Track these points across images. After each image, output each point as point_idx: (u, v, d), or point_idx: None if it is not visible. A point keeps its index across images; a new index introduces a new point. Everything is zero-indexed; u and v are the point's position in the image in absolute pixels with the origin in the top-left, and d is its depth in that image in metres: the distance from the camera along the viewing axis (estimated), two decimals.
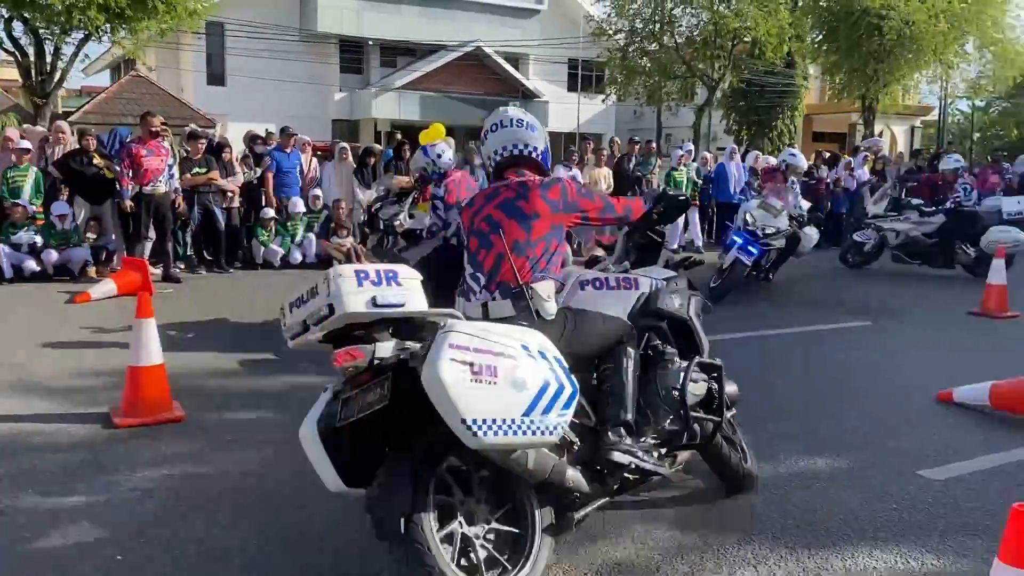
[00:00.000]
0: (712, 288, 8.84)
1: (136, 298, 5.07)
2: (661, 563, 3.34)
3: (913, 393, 5.78)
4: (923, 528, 3.69)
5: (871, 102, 26.23)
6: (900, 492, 4.07)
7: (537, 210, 3.35)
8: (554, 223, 3.39)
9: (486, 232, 3.36)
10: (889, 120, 34.74)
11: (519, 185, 3.43)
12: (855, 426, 5.06)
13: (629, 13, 27.74)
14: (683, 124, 32.88)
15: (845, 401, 5.60)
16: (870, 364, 6.67)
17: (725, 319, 8.17)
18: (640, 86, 29.52)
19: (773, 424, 5.06)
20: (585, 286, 3.60)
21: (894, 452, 4.63)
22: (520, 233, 3.31)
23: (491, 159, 3.59)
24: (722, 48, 27.82)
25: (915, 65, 25.04)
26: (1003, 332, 8.02)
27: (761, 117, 31.76)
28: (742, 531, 3.61)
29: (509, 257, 3.22)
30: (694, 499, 3.95)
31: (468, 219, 3.51)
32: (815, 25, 26.92)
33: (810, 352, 7.10)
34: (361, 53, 31.49)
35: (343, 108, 31.04)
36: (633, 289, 3.59)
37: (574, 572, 3.27)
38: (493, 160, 3.58)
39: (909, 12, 22.97)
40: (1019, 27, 27.56)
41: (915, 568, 3.34)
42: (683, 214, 6.18)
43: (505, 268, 3.26)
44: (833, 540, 3.55)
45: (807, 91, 32.51)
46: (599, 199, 3.66)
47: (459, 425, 2.58)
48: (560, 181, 3.52)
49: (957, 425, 5.13)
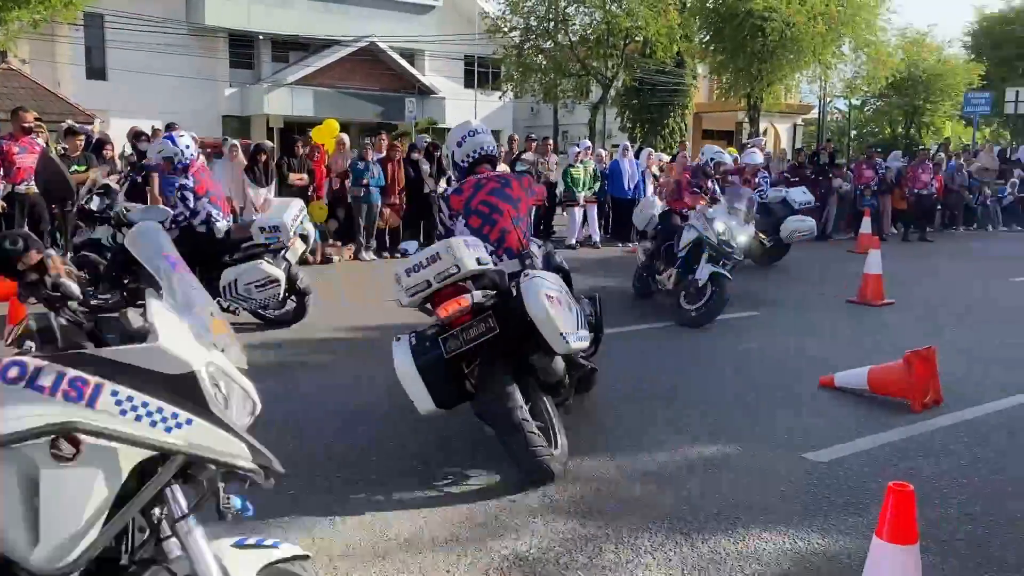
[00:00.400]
0: (694, 316, 7.70)
1: (7, 304, 4.78)
2: (562, 554, 3.37)
3: (797, 379, 6.03)
4: (809, 509, 3.85)
5: (756, 101, 27.24)
6: (787, 475, 4.24)
7: (520, 195, 4.73)
8: (528, 204, 4.81)
9: (487, 213, 4.62)
10: (773, 118, 36.17)
11: (500, 177, 4.83)
12: (744, 413, 5.25)
13: (524, 11, 27.97)
14: (579, 121, 33.38)
15: (734, 389, 5.79)
16: (757, 352, 6.92)
17: (618, 313, 8.34)
18: (536, 83, 29.81)
19: (664, 413, 5.19)
20: None
21: (781, 437, 4.82)
22: (514, 212, 4.65)
23: (468, 158, 4.85)
24: (615, 47, 28.39)
25: (796, 65, 26.12)
26: (880, 319, 8.46)
27: (653, 115, 32.57)
28: (639, 520, 3.68)
29: (515, 229, 4.60)
30: (594, 492, 4.01)
31: (463, 203, 4.68)
32: (703, 26, 27.76)
33: (700, 342, 7.31)
34: (252, 48, 30.62)
35: (234, 104, 30.12)
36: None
37: (478, 566, 3.27)
38: (471, 158, 4.85)
39: (790, 14, 23.96)
40: (890, 30, 28.99)
41: (802, 547, 3.48)
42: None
43: (510, 238, 4.60)
44: (725, 524, 3.66)
45: (696, 90, 33.56)
46: (540, 187, 5.28)
47: (557, 338, 3.92)
48: (525, 175, 5.15)
49: (839, 409, 5.38)
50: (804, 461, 4.44)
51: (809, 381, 5.95)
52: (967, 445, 4.72)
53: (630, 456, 4.45)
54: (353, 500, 3.85)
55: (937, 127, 36.59)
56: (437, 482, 4.08)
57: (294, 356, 6.57)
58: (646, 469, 4.29)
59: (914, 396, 5.29)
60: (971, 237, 17.16)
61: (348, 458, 4.37)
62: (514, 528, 3.59)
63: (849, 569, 3.28)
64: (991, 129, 36.39)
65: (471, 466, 4.27)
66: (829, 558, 3.40)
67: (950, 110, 34.67)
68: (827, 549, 3.48)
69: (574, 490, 4.00)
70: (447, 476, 4.15)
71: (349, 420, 5.00)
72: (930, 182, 16.52)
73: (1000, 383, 6.01)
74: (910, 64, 32.39)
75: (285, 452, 4.36)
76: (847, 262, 12.23)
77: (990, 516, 3.79)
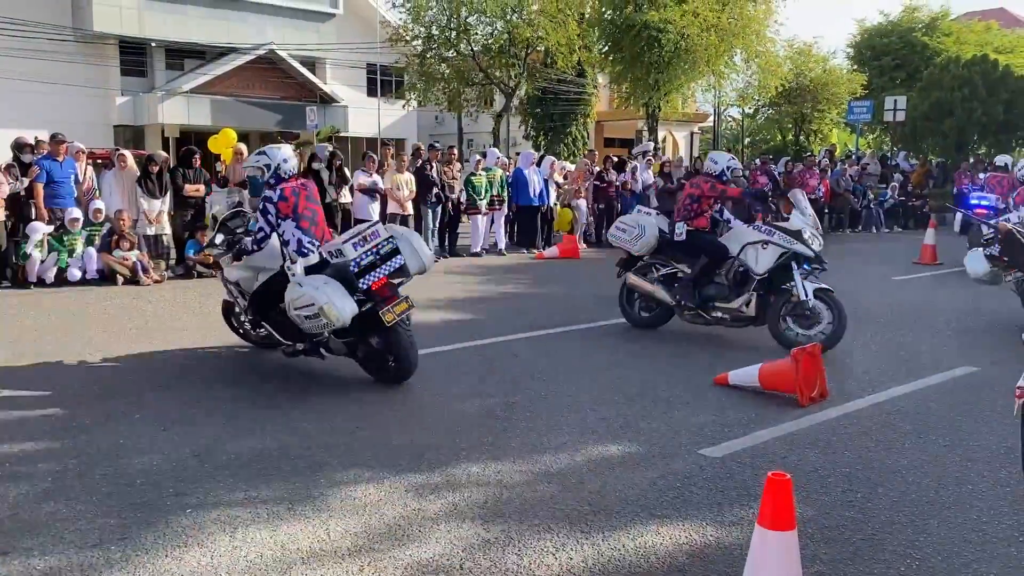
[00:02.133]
0: (823, 340, 6.90)
1: None
2: (465, 560, 3.41)
3: (693, 378, 6.25)
4: (703, 502, 4.00)
5: (654, 109, 27.96)
6: (683, 471, 4.40)
7: (318, 198, 6.39)
8: None
9: (311, 216, 6.09)
10: (671, 126, 37.24)
11: (306, 184, 6.24)
12: (642, 412, 5.40)
13: (425, 20, 27.95)
14: (484, 130, 33.57)
15: (633, 390, 5.95)
16: (654, 354, 7.13)
17: (513, 319, 8.45)
18: (440, 92, 29.82)
19: (566, 416, 5.30)
20: None
21: (677, 434, 4.98)
22: (322, 213, 6.36)
23: (293, 169, 6.19)
24: (517, 56, 28.68)
25: (691, 75, 26.92)
26: None
27: (556, 123, 33.08)
28: (541, 522, 3.76)
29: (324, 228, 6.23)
30: (496, 496, 4.06)
31: (291, 208, 5.95)
32: (601, 36, 28.32)
33: (599, 346, 7.48)
34: (144, 55, 29.59)
35: (126, 113, 29.02)
36: None
37: (381, 574, 3.28)
38: (294, 170, 6.22)
39: (684, 26, 24.71)
40: (779, 41, 30.24)
41: (696, 539, 3.62)
42: None
43: (327, 235, 6.22)
44: (624, 522, 3.78)
45: (597, 99, 34.23)
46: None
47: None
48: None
49: (732, 406, 5.60)
50: (700, 457, 4.61)
51: (704, 380, 6.17)
52: (850, 436, 4.99)
53: (532, 459, 4.53)
54: (253, 515, 3.80)
55: (824, 134, 38.35)
56: (338, 492, 4.06)
57: (191, 370, 6.40)
58: (548, 471, 4.38)
59: (802, 391, 5.55)
60: (857, 238, 18.05)
61: (245, 473, 4.30)
62: (416, 536, 3.61)
63: (740, 558, 3.42)
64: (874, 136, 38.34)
65: (371, 474, 4.27)
66: (722, 548, 3.55)
67: (836, 118, 36.41)
68: (720, 540, 3.63)
69: (477, 495, 4.04)
70: (348, 485, 4.14)
71: (244, 434, 4.91)
72: (817, 187, 17.32)
73: (882, 377, 6.37)
74: (798, 74, 33.92)
75: (188, 467, 4.28)
76: None
77: (869, 502, 4.03)
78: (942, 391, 6.04)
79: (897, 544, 3.59)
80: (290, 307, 5.66)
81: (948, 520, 3.84)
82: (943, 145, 26.67)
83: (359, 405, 5.53)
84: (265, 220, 5.99)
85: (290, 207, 5.97)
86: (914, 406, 5.64)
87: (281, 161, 6.12)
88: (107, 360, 6.72)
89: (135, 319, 8.42)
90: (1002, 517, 3.87)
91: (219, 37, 29.25)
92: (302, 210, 6.01)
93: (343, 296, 5.59)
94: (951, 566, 3.41)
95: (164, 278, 11.02)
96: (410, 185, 13.31)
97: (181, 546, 3.49)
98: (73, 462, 4.42)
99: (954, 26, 36.47)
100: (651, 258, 8.01)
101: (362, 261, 5.81)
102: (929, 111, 26.52)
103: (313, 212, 6.11)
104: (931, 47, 34.43)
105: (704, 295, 7.66)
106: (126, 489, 4.06)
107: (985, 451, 4.76)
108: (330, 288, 5.56)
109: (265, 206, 5.99)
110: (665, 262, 7.95)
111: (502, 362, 6.77)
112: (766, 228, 7.41)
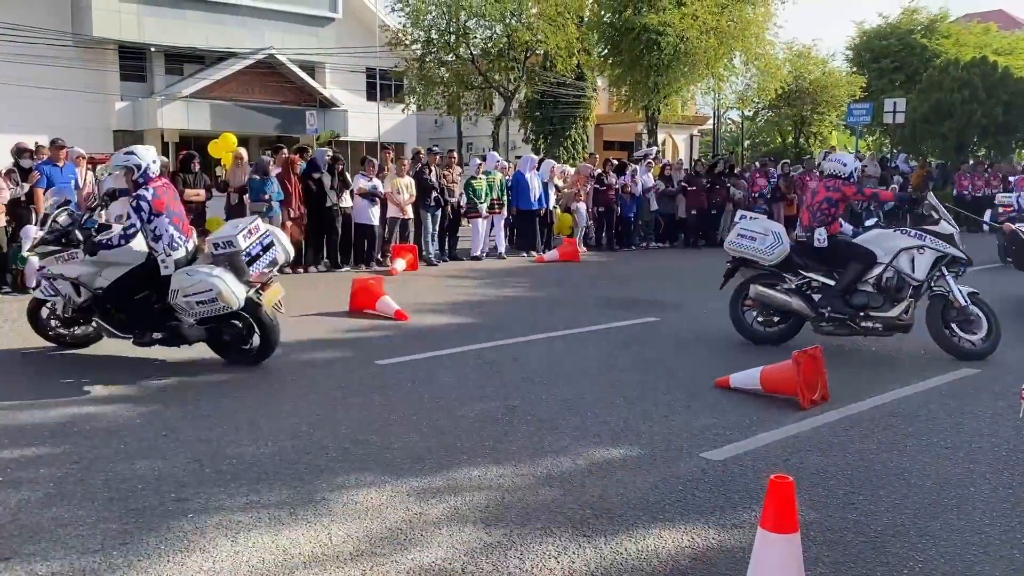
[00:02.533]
0: (984, 347, 7.01)
1: None
2: (467, 564, 3.41)
3: (695, 381, 6.25)
4: (705, 506, 4.00)
5: (653, 112, 27.99)
6: (685, 474, 4.39)
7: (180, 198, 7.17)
8: None
9: (181, 213, 6.72)
10: (671, 129, 37.29)
11: (169, 184, 6.80)
12: (644, 416, 5.40)
13: (424, 24, 27.98)
14: (483, 133, 33.59)
15: (634, 393, 5.95)
16: (656, 356, 7.13)
17: (515, 324, 8.46)
18: (439, 96, 29.85)
19: (567, 419, 5.30)
20: None
21: (680, 437, 4.98)
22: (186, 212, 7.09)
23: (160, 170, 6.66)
24: (516, 60, 28.71)
25: (690, 78, 26.97)
26: None
27: (556, 127, 33.14)
28: (543, 525, 3.75)
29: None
30: (498, 500, 4.05)
31: (164, 206, 6.47)
32: (600, 39, 28.37)
33: (600, 349, 7.47)
34: (143, 60, 29.61)
35: (126, 118, 29.05)
36: None
37: None
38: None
39: (683, 29, 24.75)
40: (778, 44, 30.28)
41: (699, 543, 3.62)
42: None
43: (190, 232, 6.84)
44: (626, 525, 3.77)
45: (596, 102, 34.29)
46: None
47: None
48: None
49: (734, 409, 5.59)
50: (702, 460, 4.60)
51: (706, 383, 6.17)
52: (852, 438, 4.98)
53: (533, 463, 4.53)
54: (255, 520, 3.79)
55: (824, 136, 38.39)
56: (339, 496, 4.06)
57: (191, 375, 6.40)
58: (549, 475, 4.37)
59: (803, 394, 5.55)
60: None
61: (246, 477, 4.29)
62: (418, 540, 3.61)
63: (743, 562, 3.41)
64: (874, 138, 38.38)
65: (372, 479, 4.26)
66: (724, 552, 3.54)
67: (836, 120, 36.46)
68: (722, 543, 3.62)
69: (478, 499, 4.04)
70: (349, 489, 4.13)
71: (245, 439, 4.91)
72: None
73: (882, 378, 6.37)
74: (797, 76, 33.97)
75: (189, 472, 4.28)
76: None
77: (871, 504, 4.02)
78: (943, 393, 6.03)
79: (900, 547, 3.58)
80: (178, 294, 6.25)
81: (950, 522, 3.83)
82: (943, 147, 26.69)
83: (359, 410, 5.53)
84: (139, 216, 6.40)
85: (163, 204, 6.47)
86: (915, 408, 5.63)
87: (151, 162, 6.56)
88: (107, 364, 6.71)
89: None
90: (1005, 519, 3.86)
91: (218, 42, 29.30)
92: (173, 208, 6.61)
93: (235, 282, 6.32)
94: (954, 568, 3.41)
95: None
96: (410, 189, 13.31)
97: (183, 551, 3.48)
98: (74, 467, 4.42)
99: (953, 28, 36.52)
100: (775, 267, 7.42)
101: (252, 251, 6.52)
102: (928, 113, 26.54)
103: (179, 211, 6.74)
104: (930, 49, 34.47)
105: (854, 304, 7.17)
106: (127, 494, 4.05)
107: (987, 453, 4.75)
108: (225, 275, 6.28)
109: (139, 203, 6.39)
110: (789, 271, 7.41)
111: (502, 366, 6.76)
112: (916, 233, 7.14)
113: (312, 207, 12.44)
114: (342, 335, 7.99)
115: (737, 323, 7.70)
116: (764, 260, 7.40)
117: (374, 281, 9.23)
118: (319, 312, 9.12)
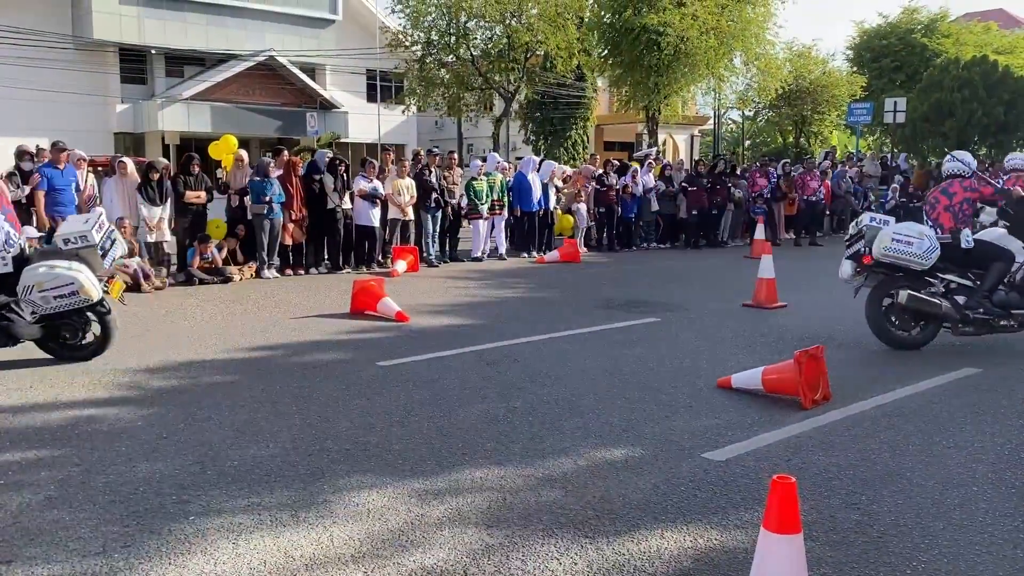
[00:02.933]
0: None
1: None
2: (469, 565, 3.40)
3: (696, 382, 6.24)
4: (707, 506, 3.99)
5: (654, 112, 27.99)
6: (687, 475, 4.38)
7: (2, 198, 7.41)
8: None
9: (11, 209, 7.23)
10: (671, 129, 37.29)
11: None
12: (645, 416, 5.39)
13: (424, 25, 28.00)
14: (484, 135, 33.64)
15: (636, 393, 5.94)
16: (657, 357, 7.12)
17: (515, 324, 8.45)
18: (439, 97, 29.87)
19: (567, 420, 5.29)
20: None
21: (681, 438, 4.97)
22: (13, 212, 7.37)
23: None
24: (516, 61, 28.73)
25: (691, 78, 26.98)
26: (773, 321, 8.81)
27: (556, 127, 33.17)
28: (545, 526, 3.74)
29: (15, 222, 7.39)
30: (500, 501, 4.05)
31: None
32: (600, 40, 28.38)
33: (602, 349, 7.46)
34: (144, 62, 29.65)
35: (126, 121, 29.09)
36: None
37: None
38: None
39: (683, 29, 24.74)
40: (778, 43, 30.28)
41: (701, 543, 3.61)
42: None
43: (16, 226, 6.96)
44: (628, 526, 3.76)
45: (597, 103, 34.32)
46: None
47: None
48: None
49: (736, 409, 5.58)
50: (703, 460, 4.59)
51: (707, 383, 6.16)
52: (854, 438, 4.97)
53: (535, 464, 4.52)
54: (256, 522, 3.79)
55: (825, 136, 38.39)
56: (341, 498, 4.05)
57: (191, 377, 6.40)
58: (551, 476, 4.36)
59: (805, 394, 5.54)
60: None
61: (247, 479, 4.29)
62: (420, 541, 3.60)
63: (745, 562, 3.41)
64: (874, 138, 38.36)
65: (373, 480, 4.26)
66: (727, 552, 3.53)
67: (836, 120, 36.45)
68: (725, 544, 3.61)
69: (480, 500, 4.03)
70: (350, 491, 4.13)
71: (246, 441, 4.90)
72: (818, 189, 17.32)
73: (884, 378, 6.36)
74: (797, 76, 33.97)
75: (190, 474, 4.27)
76: (742, 267, 12.69)
77: (873, 504, 4.01)
78: (945, 392, 6.02)
79: (903, 546, 3.58)
80: (33, 290, 6.32)
81: (953, 522, 3.82)
82: (943, 146, 26.67)
83: (361, 411, 5.52)
84: None
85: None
86: (918, 408, 5.62)
87: None
88: (107, 367, 6.71)
89: (135, 326, 8.41)
90: (1008, 519, 3.85)
91: (219, 44, 29.33)
92: (6, 205, 6.86)
93: (91, 275, 6.48)
94: (957, 568, 3.40)
95: (165, 285, 11.02)
96: (410, 190, 13.31)
97: (184, 553, 3.48)
98: (75, 470, 4.42)
99: (953, 27, 36.52)
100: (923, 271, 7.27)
101: (105, 245, 6.72)
102: (929, 112, 26.54)
103: (10, 208, 7.00)
104: (930, 48, 34.48)
105: (997, 303, 7.19)
106: (129, 497, 4.05)
107: (990, 452, 4.74)
108: (83, 269, 6.43)
109: None
110: (931, 275, 7.31)
111: (504, 367, 6.76)
112: None
113: (313, 209, 12.45)
114: (343, 337, 7.98)
115: (881, 331, 7.44)
116: (919, 265, 7.15)
117: (375, 283, 9.23)
118: (320, 314, 9.12)
